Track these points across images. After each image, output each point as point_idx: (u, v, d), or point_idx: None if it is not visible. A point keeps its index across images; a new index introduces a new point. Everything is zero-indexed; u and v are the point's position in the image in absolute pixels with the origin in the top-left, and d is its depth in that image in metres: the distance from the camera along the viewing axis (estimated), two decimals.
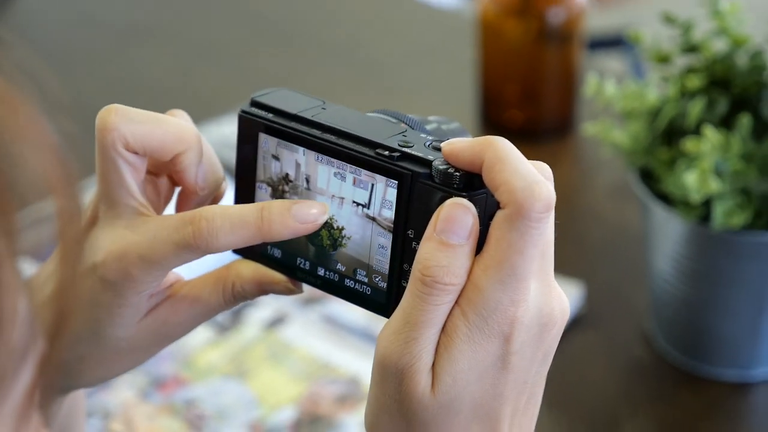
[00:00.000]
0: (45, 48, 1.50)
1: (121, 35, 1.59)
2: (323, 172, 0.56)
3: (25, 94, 0.37)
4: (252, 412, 0.99)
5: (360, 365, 1.02)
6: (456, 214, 0.50)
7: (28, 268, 0.40)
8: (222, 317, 1.05)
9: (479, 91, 1.35)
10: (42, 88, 0.40)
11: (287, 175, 0.57)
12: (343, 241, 0.56)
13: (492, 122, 1.34)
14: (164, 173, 0.60)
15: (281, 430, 0.97)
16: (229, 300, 0.59)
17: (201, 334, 1.05)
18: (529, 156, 0.52)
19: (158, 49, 1.56)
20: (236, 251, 0.60)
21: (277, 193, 0.57)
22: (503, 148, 0.50)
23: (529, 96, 1.32)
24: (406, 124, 0.57)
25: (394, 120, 0.57)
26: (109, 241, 0.55)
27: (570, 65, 1.31)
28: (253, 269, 0.59)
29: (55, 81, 0.42)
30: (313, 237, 0.57)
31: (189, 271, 0.60)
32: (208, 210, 0.54)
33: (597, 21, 2.02)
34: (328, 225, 0.56)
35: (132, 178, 0.56)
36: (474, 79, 1.38)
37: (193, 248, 0.54)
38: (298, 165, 0.57)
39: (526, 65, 1.31)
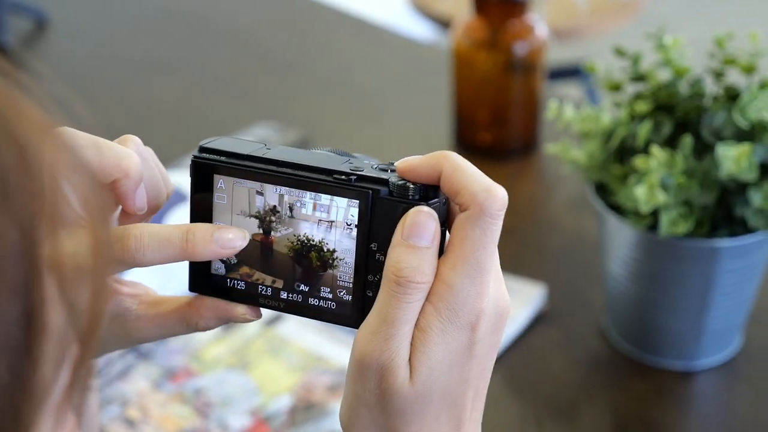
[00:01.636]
0: (72, 80, 1.49)
1: (140, 68, 1.58)
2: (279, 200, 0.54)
3: (59, 123, 0.36)
4: (253, 400, 0.97)
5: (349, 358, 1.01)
6: (420, 220, 0.50)
7: None
8: None
9: (454, 115, 1.34)
10: (74, 116, 0.39)
11: (275, 207, 0.54)
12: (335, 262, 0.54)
13: (465, 143, 1.33)
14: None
15: (279, 416, 0.96)
16: (194, 330, 0.56)
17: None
18: (498, 172, 0.51)
19: (172, 80, 1.55)
20: (193, 289, 0.57)
21: (265, 224, 0.55)
22: (458, 158, 0.50)
23: (497, 119, 1.32)
24: (346, 156, 0.55)
25: (335, 153, 0.55)
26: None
27: (533, 92, 1.31)
28: (211, 305, 0.56)
29: (86, 109, 0.41)
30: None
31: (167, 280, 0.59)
32: (137, 228, 0.52)
33: (556, 54, 2.01)
34: (317, 248, 0.54)
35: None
36: (449, 105, 1.37)
37: (121, 262, 0.52)
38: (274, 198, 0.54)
39: (495, 92, 1.30)
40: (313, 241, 0.54)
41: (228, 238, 0.53)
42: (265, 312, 0.57)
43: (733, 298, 0.96)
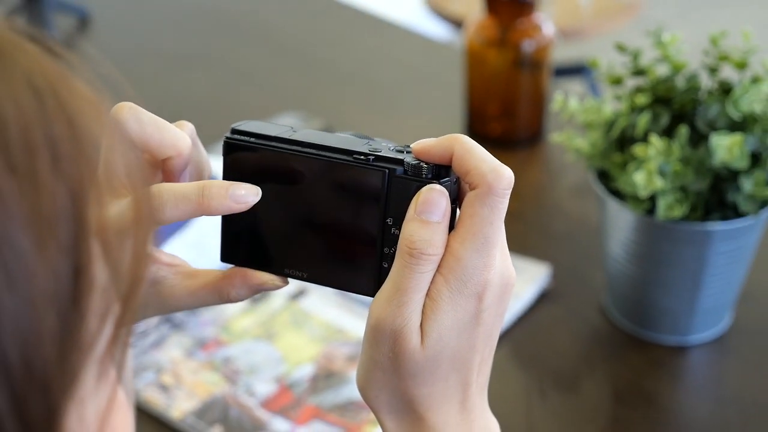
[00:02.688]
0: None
1: (174, 62, 1.59)
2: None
3: (108, 99, 0.37)
4: (278, 368, 0.98)
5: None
6: (432, 197, 0.51)
7: None
8: None
9: (466, 108, 1.35)
10: (121, 94, 0.40)
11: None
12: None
13: (476, 133, 1.34)
14: (159, 168, 0.57)
15: (302, 383, 0.96)
16: (227, 301, 0.57)
17: (236, 304, 1.05)
18: (506, 160, 0.52)
19: (204, 72, 1.56)
20: (225, 260, 0.58)
21: None
22: (469, 141, 0.51)
23: (506, 112, 1.32)
24: (366, 139, 0.56)
25: (357, 137, 0.56)
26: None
27: (540, 87, 1.31)
28: (242, 276, 0.56)
29: (131, 89, 0.42)
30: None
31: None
32: (156, 186, 0.52)
33: (562, 53, 2.02)
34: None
35: None
36: (461, 99, 1.38)
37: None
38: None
39: (505, 87, 1.31)
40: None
41: (241, 194, 0.53)
42: (289, 287, 0.57)
43: (725, 278, 0.96)
